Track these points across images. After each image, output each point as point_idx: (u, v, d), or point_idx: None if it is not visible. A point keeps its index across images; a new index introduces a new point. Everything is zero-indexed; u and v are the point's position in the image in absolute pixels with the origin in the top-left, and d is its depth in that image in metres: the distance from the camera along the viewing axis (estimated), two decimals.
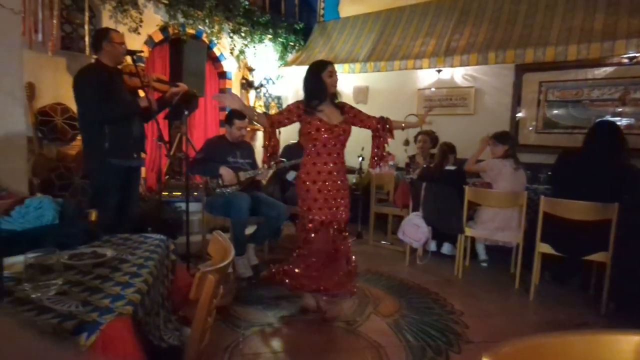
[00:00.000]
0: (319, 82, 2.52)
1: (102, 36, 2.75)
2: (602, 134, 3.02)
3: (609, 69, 4.27)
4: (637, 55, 3.90)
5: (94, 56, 2.85)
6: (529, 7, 4.48)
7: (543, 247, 3.00)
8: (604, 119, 4.15)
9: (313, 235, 2.52)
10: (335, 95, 2.65)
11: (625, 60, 4.07)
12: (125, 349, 0.90)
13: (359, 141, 5.05)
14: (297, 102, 2.58)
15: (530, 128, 4.80)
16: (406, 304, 2.90)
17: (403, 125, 2.84)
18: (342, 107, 2.67)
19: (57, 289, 1.03)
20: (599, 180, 2.88)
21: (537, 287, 3.12)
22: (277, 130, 2.61)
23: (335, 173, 2.57)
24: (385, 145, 2.78)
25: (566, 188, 3.01)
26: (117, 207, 2.79)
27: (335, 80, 2.57)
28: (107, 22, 4.07)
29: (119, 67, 2.87)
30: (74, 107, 2.83)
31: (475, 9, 4.87)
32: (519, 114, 4.85)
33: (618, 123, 3.86)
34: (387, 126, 2.74)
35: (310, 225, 2.52)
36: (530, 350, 0.80)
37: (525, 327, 2.63)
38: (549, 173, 3.63)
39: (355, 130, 6.46)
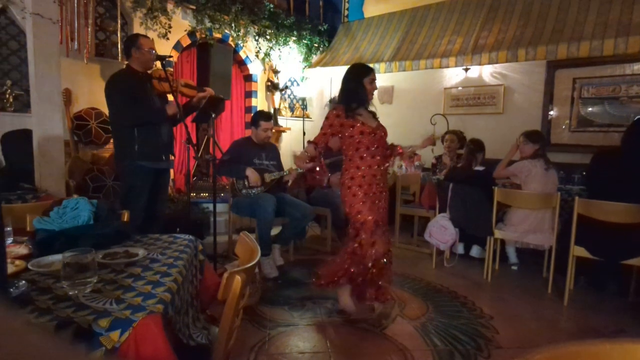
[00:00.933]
0: (360, 87, 2.50)
1: (131, 43, 2.85)
2: (639, 132, 2.87)
3: None
4: None
5: (126, 62, 2.95)
6: (562, 1, 4.33)
7: (578, 251, 2.88)
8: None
9: (370, 235, 2.47)
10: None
11: None
12: (157, 346, 0.92)
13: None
14: (334, 112, 2.54)
15: (564, 127, 4.64)
16: (433, 307, 2.86)
17: (409, 150, 2.93)
18: (374, 114, 2.67)
19: (92, 286, 1.07)
20: (638, 181, 2.74)
21: (571, 293, 3.00)
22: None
23: (378, 176, 2.54)
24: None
25: (603, 189, 2.88)
26: (147, 208, 2.88)
27: (375, 88, 2.57)
28: (138, 28, 4.20)
29: (149, 72, 2.96)
30: (107, 111, 2.93)
31: (504, 5, 4.75)
32: (551, 112, 4.69)
33: None
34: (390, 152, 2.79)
35: (364, 226, 2.48)
36: (564, 358, 0.77)
37: (558, 334, 2.54)
38: (584, 173, 3.49)
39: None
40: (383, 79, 6.00)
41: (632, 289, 3.02)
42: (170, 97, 3.10)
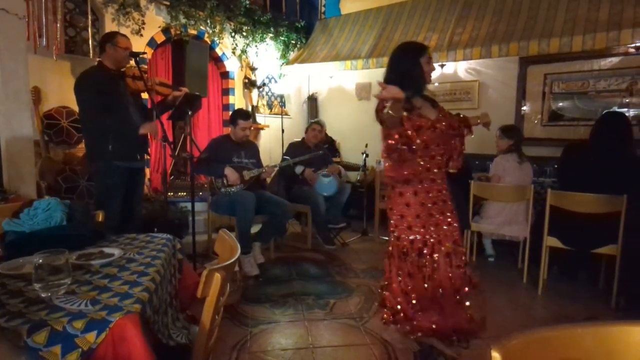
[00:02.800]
0: (417, 69, 1.94)
1: (107, 39, 2.77)
2: (610, 125, 2.98)
3: (615, 60, 4.22)
4: None
5: (98, 59, 2.87)
6: None
7: (551, 241, 2.98)
8: (612, 110, 4.11)
9: (417, 260, 1.96)
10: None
11: (632, 50, 4.02)
12: (135, 347, 0.91)
13: (363, 138, 5.06)
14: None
15: (536, 121, 4.77)
16: None
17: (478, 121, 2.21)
18: (432, 100, 2.08)
19: (66, 288, 1.04)
20: (607, 172, 2.85)
21: (545, 282, 3.10)
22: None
23: (439, 181, 2.01)
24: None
25: (574, 181, 2.98)
26: (122, 208, 2.81)
27: (433, 69, 2.06)
28: (109, 25, 4.09)
29: (122, 70, 2.88)
30: (77, 109, 2.85)
31: (478, 2, 4.84)
32: (524, 107, 4.81)
33: (626, 114, 3.84)
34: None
35: (411, 247, 1.96)
36: (539, 343, 0.80)
37: (533, 322, 2.62)
38: (556, 166, 3.60)
39: (359, 125, 6.48)
40: (361, 75, 6.03)
41: (602, 276, 3.13)
42: (145, 95, 3.04)
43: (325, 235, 4.19)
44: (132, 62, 2.85)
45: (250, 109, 5.62)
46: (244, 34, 5.43)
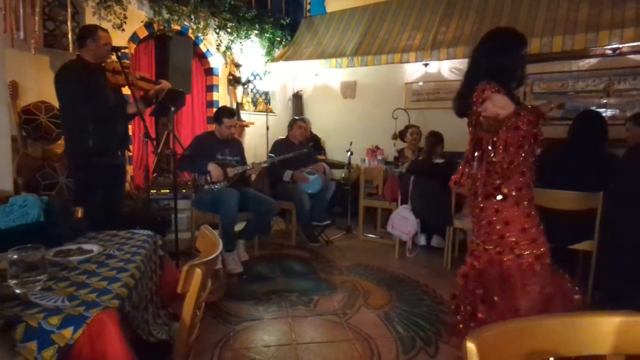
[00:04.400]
0: (521, 61, 1.74)
1: (88, 33, 2.71)
2: (586, 124, 3.06)
3: (593, 61, 4.33)
4: (620, 46, 3.96)
5: (77, 53, 2.81)
6: None
7: None
8: (588, 109, 4.21)
9: (528, 282, 1.67)
10: None
11: (609, 52, 4.13)
12: (113, 342, 0.90)
13: (348, 136, 5.09)
14: (493, 88, 1.61)
15: None
16: (396, 296, 2.93)
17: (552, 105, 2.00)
18: (518, 99, 1.89)
19: (42, 285, 1.02)
20: (584, 170, 2.92)
21: None
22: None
23: (531, 184, 1.79)
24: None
25: (552, 178, 3.04)
26: (103, 206, 2.76)
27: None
28: (90, 18, 4.01)
29: (103, 64, 2.83)
30: (57, 105, 2.79)
31: (461, 1, 4.90)
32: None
33: (603, 114, 3.94)
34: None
35: (520, 267, 1.68)
36: (512, 334, 0.82)
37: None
38: (536, 164, 3.68)
39: (344, 123, 6.49)
40: (345, 73, 6.05)
41: (578, 272, 3.21)
42: (126, 91, 2.99)
43: (310, 233, 4.19)
44: (114, 57, 2.80)
45: (234, 106, 5.58)
46: (229, 30, 5.39)
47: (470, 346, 0.74)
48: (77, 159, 2.72)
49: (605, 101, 4.34)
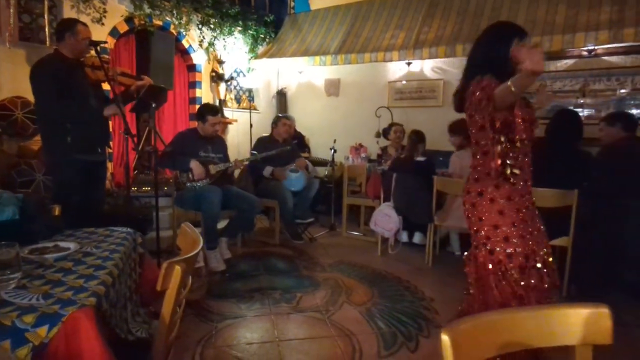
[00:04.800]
0: (504, 53, 1.63)
1: (66, 27, 2.64)
2: (562, 123, 3.15)
3: (569, 62, 4.44)
4: (595, 48, 4.07)
5: (55, 47, 2.74)
6: (495, 0, 4.59)
7: None
8: (564, 108, 4.31)
9: (519, 279, 1.68)
10: None
11: (585, 53, 4.24)
12: (89, 341, 0.89)
13: (332, 134, 5.10)
14: (487, 81, 1.61)
15: None
16: (378, 292, 2.96)
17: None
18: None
19: (16, 283, 1.00)
20: (560, 168, 3.00)
21: None
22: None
23: (529, 182, 1.79)
24: None
25: (532, 176, 3.12)
26: (82, 204, 2.71)
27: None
28: (68, 12, 3.92)
29: (81, 59, 2.77)
30: (33, 100, 2.71)
31: (443, 2, 4.96)
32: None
33: (579, 114, 4.04)
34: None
35: (511, 264, 1.68)
36: (486, 327, 0.84)
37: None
38: None
39: (327, 121, 6.48)
40: (330, 71, 6.06)
41: (555, 266, 3.30)
42: (106, 86, 2.93)
43: (293, 230, 4.19)
44: (93, 52, 2.74)
45: (217, 103, 5.53)
46: (212, 26, 5.33)
47: (445, 338, 0.76)
48: (55, 155, 2.66)
49: (582, 101, 4.45)
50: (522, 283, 1.67)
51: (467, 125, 1.81)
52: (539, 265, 1.72)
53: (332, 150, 4.66)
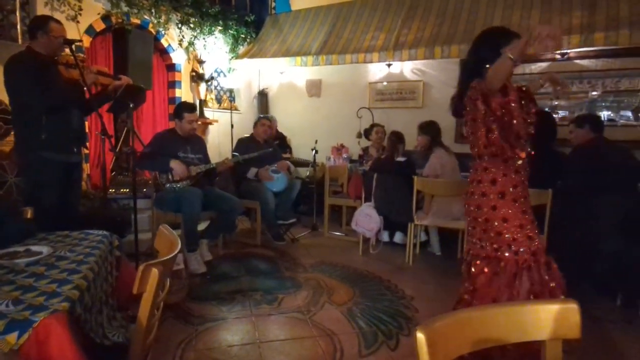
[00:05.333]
0: (494, 57, 1.68)
1: (39, 25, 2.57)
2: (537, 124, 3.22)
3: (543, 65, 4.57)
4: (567, 51, 4.19)
5: (27, 44, 2.66)
6: (472, 4, 4.68)
7: None
8: (540, 110, 4.43)
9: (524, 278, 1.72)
10: None
11: (558, 56, 4.37)
12: (62, 347, 0.87)
13: (313, 134, 5.11)
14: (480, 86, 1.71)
15: None
16: (359, 292, 2.98)
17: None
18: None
19: None
20: (534, 168, 3.07)
21: None
22: None
23: (525, 181, 1.86)
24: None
25: None
26: (57, 206, 2.64)
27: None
28: (41, 9, 3.81)
29: (55, 57, 2.70)
30: (6, 99, 2.63)
31: (423, 4, 5.02)
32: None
33: (554, 115, 4.17)
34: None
35: (515, 263, 1.73)
36: (460, 324, 0.86)
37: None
38: None
39: (309, 122, 6.48)
40: (311, 72, 6.07)
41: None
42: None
43: (275, 231, 4.18)
44: (67, 50, 2.68)
45: (197, 102, 5.47)
46: (192, 25, 5.27)
47: (420, 336, 0.77)
48: (28, 155, 2.58)
49: (556, 103, 4.58)
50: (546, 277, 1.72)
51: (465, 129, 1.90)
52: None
53: (314, 151, 4.66)
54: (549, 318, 0.91)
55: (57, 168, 2.62)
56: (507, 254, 1.75)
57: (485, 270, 1.78)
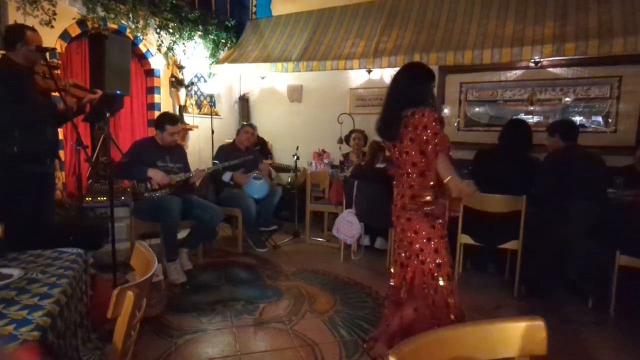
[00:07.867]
0: (432, 90, 2.17)
1: (16, 36, 2.50)
2: (513, 131, 3.32)
3: (518, 72, 4.69)
4: (541, 60, 4.32)
5: (2, 52, 2.58)
6: (449, 13, 4.77)
7: (464, 238, 3.24)
8: (517, 117, 4.55)
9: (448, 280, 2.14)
10: None
11: (532, 65, 4.49)
12: None
13: (295, 140, 5.12)
14: (435, 116, 1.99)
15: (455, 124, 5.14)
16: (341, 299, 3.00)
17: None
18: None
19: None
20: (510, 174, 3.16)
21: (460, 276, 3.37)
22: None
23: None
24: None
25: (483, 182, 3.25)
26: (29, 219, 2.57)
27: None
28: (13, 14, 3.72)
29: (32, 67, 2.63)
30: None
31: (401, 12, 5.09)
32: (444, 113, 5.16)
33: (529, 121, 4.28)
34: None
35: (442, 269, 2.13)
36: (431, 344, 0.88)
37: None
38: (470, 168, 3.91)
39: (290, 127, 6.48)
40: (292, 77, 6.08)
41: (507, 268, 3.47)
42: (56, 95, 2.79)
43: (257, 238, 4.17)
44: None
45: (177, 108, 5.41)
46: (171, 30, 5.21)
47: None
48: (0, 167, 2.51)
49: (531, 108, 4.71)
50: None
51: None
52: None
53: (295, 157, 4.67)
54: (516, 335, 0.94)
55: (29, 180, 2.55)
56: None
57: None
